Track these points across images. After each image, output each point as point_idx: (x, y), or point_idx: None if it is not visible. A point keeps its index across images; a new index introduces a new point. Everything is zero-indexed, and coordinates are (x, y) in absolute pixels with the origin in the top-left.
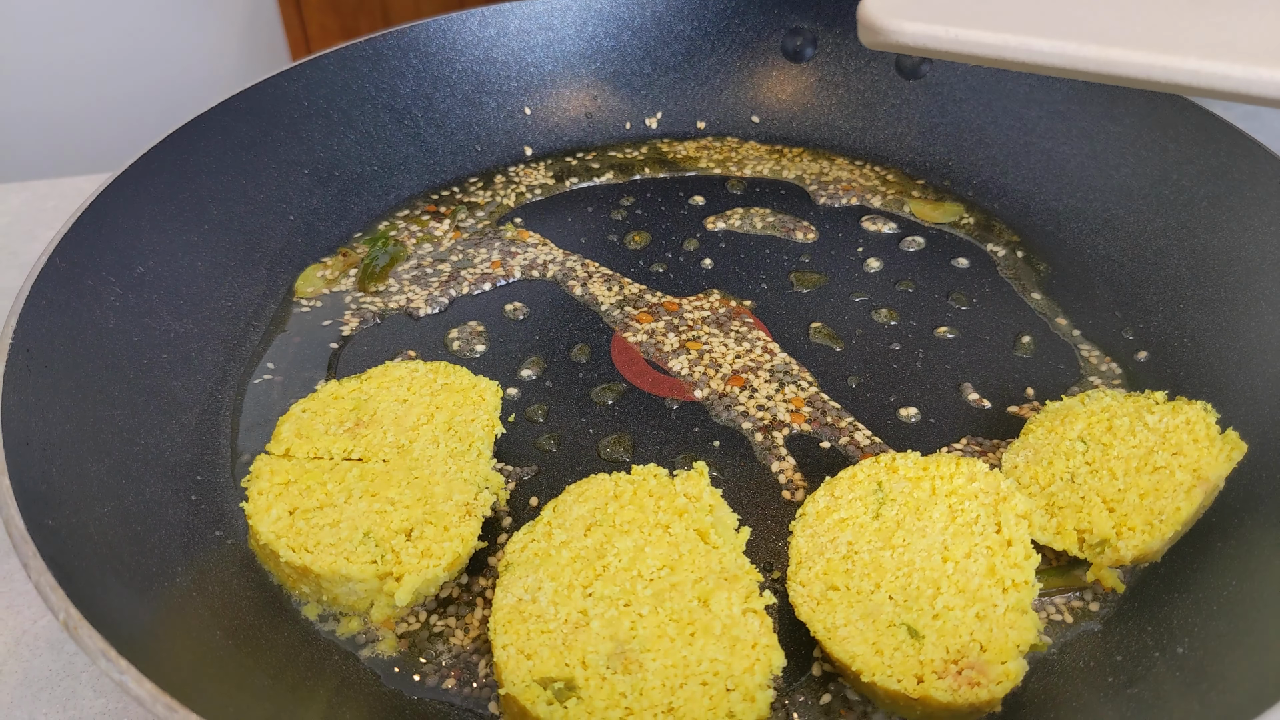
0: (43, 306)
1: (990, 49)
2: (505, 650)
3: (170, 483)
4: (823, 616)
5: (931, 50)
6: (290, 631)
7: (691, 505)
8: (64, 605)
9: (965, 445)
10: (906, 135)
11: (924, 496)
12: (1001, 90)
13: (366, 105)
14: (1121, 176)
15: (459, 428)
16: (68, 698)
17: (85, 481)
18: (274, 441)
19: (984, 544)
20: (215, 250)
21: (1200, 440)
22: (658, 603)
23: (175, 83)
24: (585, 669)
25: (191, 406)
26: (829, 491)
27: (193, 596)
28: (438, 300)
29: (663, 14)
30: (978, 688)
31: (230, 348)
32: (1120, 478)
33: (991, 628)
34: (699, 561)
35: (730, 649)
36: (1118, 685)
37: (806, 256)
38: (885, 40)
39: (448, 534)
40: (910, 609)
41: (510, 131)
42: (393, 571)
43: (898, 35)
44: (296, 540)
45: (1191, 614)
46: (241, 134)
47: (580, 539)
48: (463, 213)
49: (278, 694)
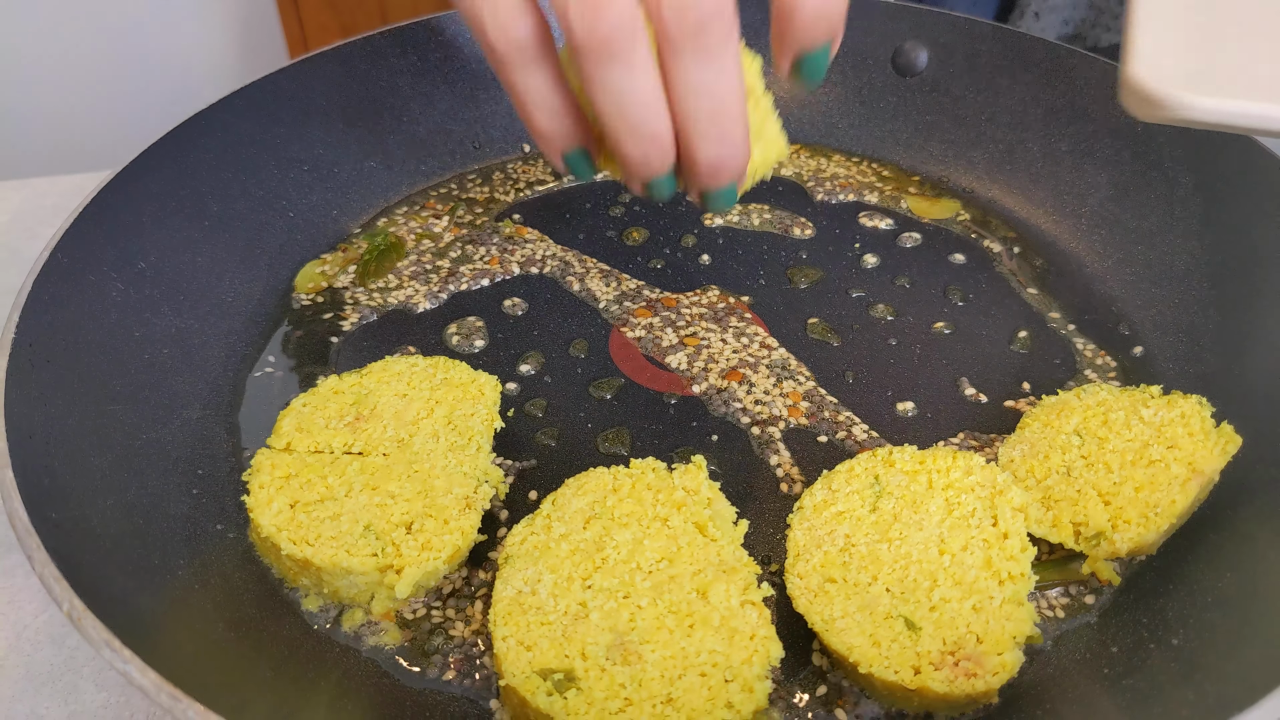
0: (45, 302)
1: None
2: (505, 642)
3: (172, 477)
4: (820, 608)
5: (1229, 127)
6: (292, 624)
7: (690, 498)
8: (68, 596)
9: (962, 440)
10: (903, 132)
11: (921, 490)
12: (998, 87)
13: (366, 102)
14: (1118, 174)
15: (459, 422)
16: (69, 692)
17: (88, 475)
18: (275, 436)
19: (980, 537)
20: (216, 246)
21: (1195, 434)
22: (656, 595)
23: (174, 80)
24: (585, 660)
25: (193, 401)
26: (826, 485)
27: (195, 589)
28: (437, 296)
29: None
30: (974, 678)
31: (231, 343)
32: (1116, 471)
33: (988, 619)
34: (697, 554)
35: (728, 640)
36: (1113, 676)
37: (804, 252)
38: (1172, 116)
39: (448, 527)
40: (907, 601)
41: (508, 128)
42: (393, 564)
43: (1191, 111)
44: (297, 533)
45: (1186, 606)
46: (241, 131)
47: (579, 532)
48: (461, 209)
49: (280, 686)
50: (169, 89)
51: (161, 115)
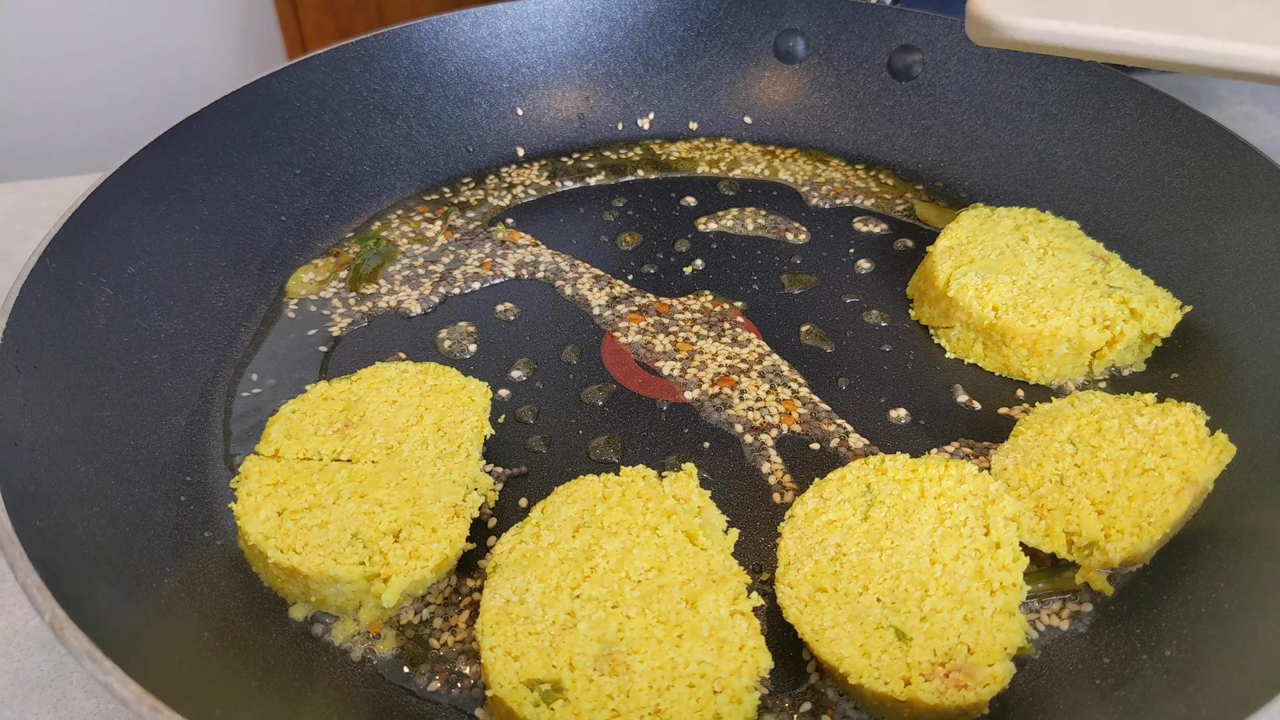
0: (33, 307)
1: (1111, 44)
2: (493, 651)
3: (159, 483)
4: (810, 618)
5: (1047, 47)
6: (278, 633)
7: (680, 507)
8: (50, 606)
9: (956, 448)
10: (899, 137)
11: (913, 499)
12: (994, 92)
13: (358, 106)
14: (1113, 178)
15: (448, 429)
16: (59, 698)
17: (74, 482)
18: (263, 442)
19: (972, 546)
20: (206, 251)
21: (1189, 442)
22: (645, 604)
23: (171, 82)
24: (572, 670)
25: (181, 407)
26: (818, 493)
27: (181, 597)
28: (429, 300)
29: (655, 15)
30: (965, 690)
31: (221, 348)
32: (1109, 480)
33: (979, 630)
34: (687, 563)
35: (718, 651)
36: (1105, 688)
37: (798, 258)
38: (999, 36)
39: (435, 535)
40: (898, 611)
41: (502, 132)
42: (380, 573)
43: (1013, 31)
44: (285, 541)
45: (1179, 616)
46: (233, 134)
47: (568, 540)
48: (454, 213)
49: (265, 695)
50: (167, 92)
51: (159, 118)
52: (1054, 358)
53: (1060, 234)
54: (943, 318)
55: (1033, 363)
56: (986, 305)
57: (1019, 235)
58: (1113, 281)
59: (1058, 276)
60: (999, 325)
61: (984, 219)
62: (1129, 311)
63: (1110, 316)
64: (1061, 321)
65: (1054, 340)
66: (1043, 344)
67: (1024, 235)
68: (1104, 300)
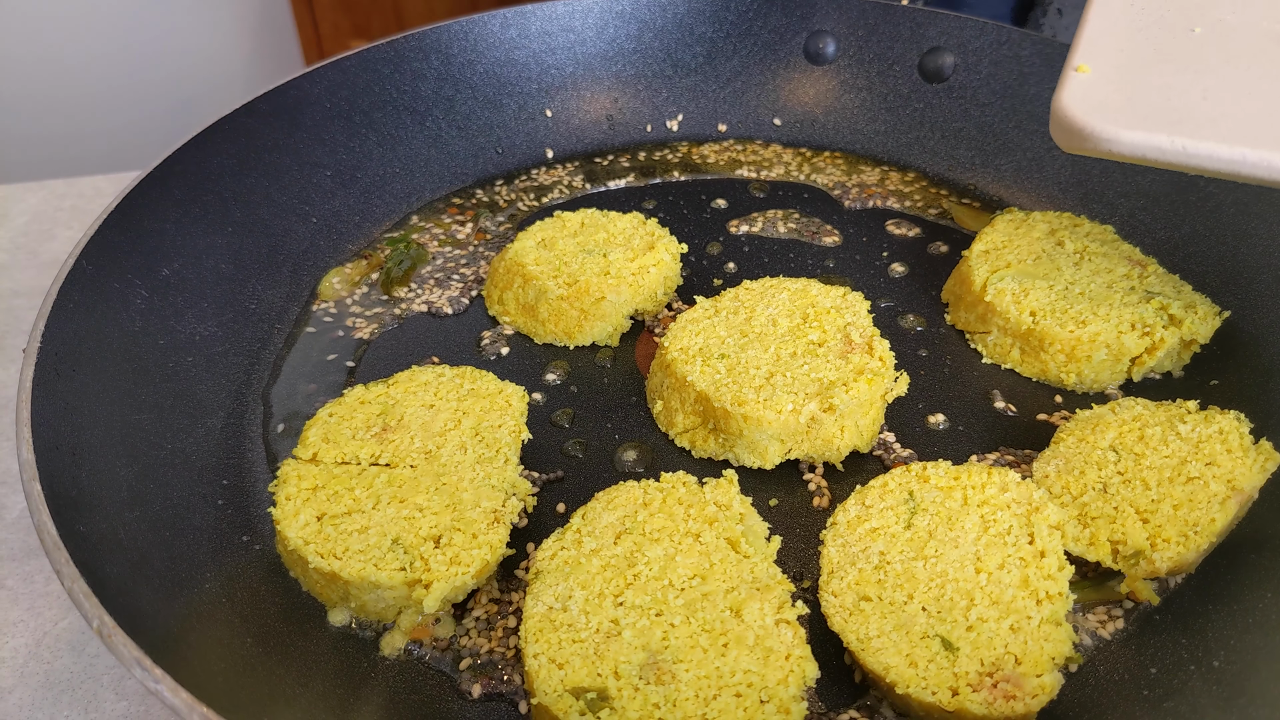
0: (70, 310)
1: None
2: (537, 659)
3: (198, 487)
4: (855, 627)
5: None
6: (319, 638)
7: (722, 514)
8: (98, 613)
9: (998, 456)
10: (930, 139)
11: (956, 506)
12: (1026, 94)
13: (388, 107)
14: (1147, 182)
15: (486, 434)
16: (89, 700)
17: (114, 486)
18: (301, 446)
19: (1017, 555)
20: (239, 252)
21: (1234, 450)
22: (689, 612)
23: (188, 80)
24: (618, 679)
25: (217, 410)
26: (860, 500)
27: (221, 602)
28: (459, 302)
29: (684, 16)
30: (1014, 701)
31: (254, 351)
32: (1154, 488)
33: (1026, 640)
34: (730, 571)
35: (763, 660)
36: (1153, 699)
37: (831, 261)
38: (1094, 148)
39: (476, 541)
40: (944, 620)
41: (531, 134)
42: (421, 579)
43: (1112, 145)
44: (325, 546)
45: (1227, 627)
46: (264, 136)
47: (610, 547)
48: (485, 215)
49: (308, 701)
50: (184, 91)
51: (177, 117)
52: (1092, 364)
53: (1096, 238)
54: (979, 322)
55: (1070, 368)
56: (1024, 310)
57: (1054, 239)
58: (1151, 287)
59: (1095, 281)
60: (1036, 331)
61: (1019, 223)
62: (1168, 317)
63: (1149, 323)
64: (1100, 327)
65: (1092, 346)
66: (1081, 350)
67: (1059, 239)
68: (1142, 306)
